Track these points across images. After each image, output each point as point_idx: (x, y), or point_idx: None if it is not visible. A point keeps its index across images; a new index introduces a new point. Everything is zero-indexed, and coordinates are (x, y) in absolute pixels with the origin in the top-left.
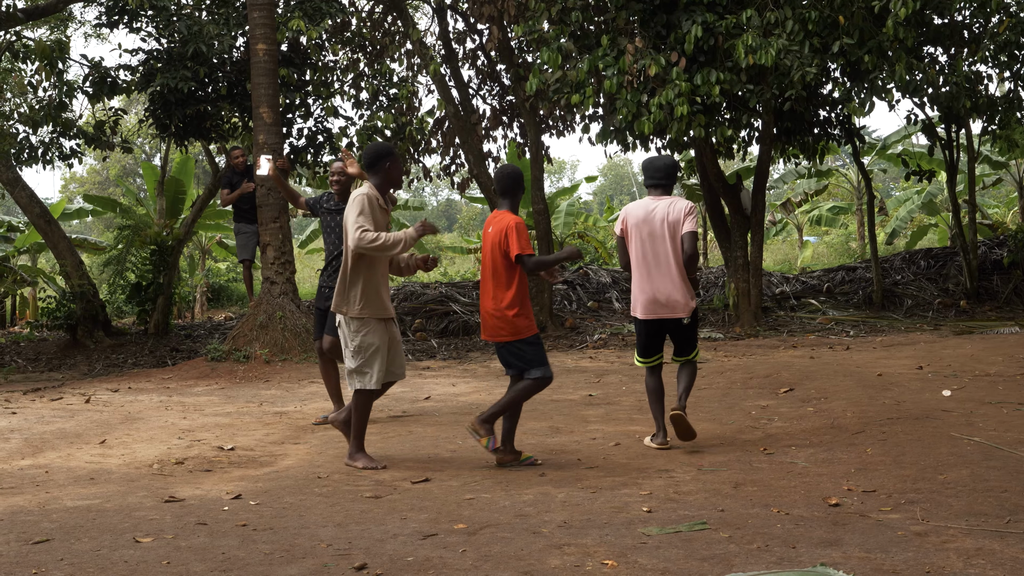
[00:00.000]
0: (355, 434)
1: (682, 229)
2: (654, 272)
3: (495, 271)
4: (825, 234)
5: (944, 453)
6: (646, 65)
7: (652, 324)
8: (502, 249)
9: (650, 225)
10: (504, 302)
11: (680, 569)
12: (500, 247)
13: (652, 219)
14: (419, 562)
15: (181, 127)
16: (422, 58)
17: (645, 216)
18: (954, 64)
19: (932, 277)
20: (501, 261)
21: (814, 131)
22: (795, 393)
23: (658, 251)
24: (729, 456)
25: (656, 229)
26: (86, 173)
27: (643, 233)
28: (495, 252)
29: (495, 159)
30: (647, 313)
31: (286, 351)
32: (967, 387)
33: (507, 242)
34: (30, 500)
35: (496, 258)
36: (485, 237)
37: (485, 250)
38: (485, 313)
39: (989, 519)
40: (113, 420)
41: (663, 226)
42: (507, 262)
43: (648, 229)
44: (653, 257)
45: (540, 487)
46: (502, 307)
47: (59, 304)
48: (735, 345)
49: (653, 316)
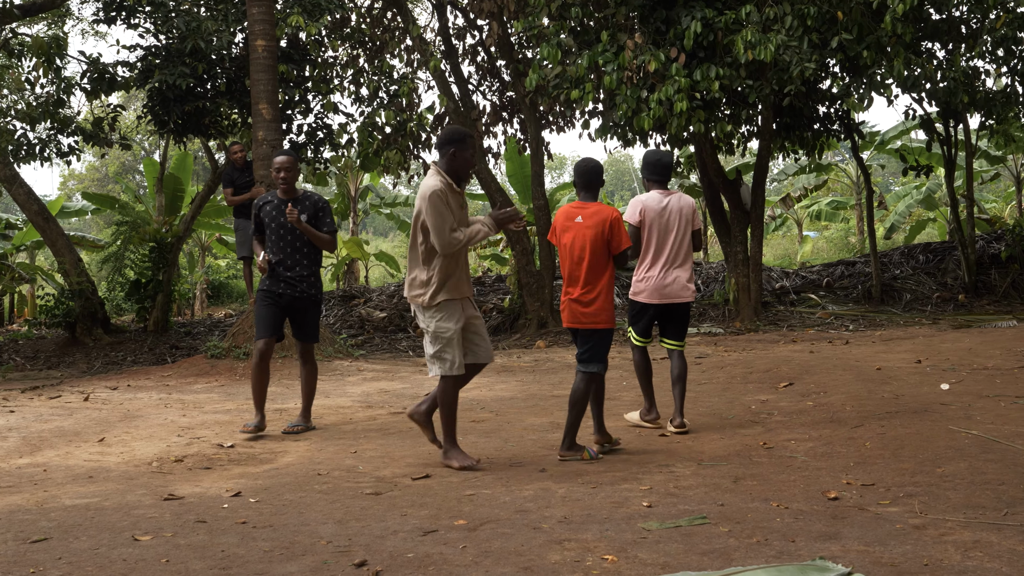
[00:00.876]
0: (446, 429)
1: (693, 225)
2: (668, 261)
3: (593, 260)
4: (824, 229)
5: (942, 446)
6: (645, 61)
7: (660, 308)
8: (604, 239)
9: (665, 217)
10: (596, 291)
11: (680, 563)
12: (603, 237)
13: (667, 212)
14: (419, 558)
15: (180, 123)
16: (422, 54)
17: (659, 209)
18: (952, 59)
19: (930, 271)
20: (602, 250)
21: (813, 126)
22: (795, 387)
23: (673, 242)
24: (729, 451)
25: (671, 222)
26: (85, 170)
27: (659, 224)
28: (596, 242)
29: (495, 155)
30: (659, 298)
31: (286, 348)
32: (965, 380)
33: (613, 233)
34: (28, 499)
35: (597, 248)
36: (571, 227)
37: (574, 240)
38: (571, 301)
39: (987, 511)
40: (112, 418)
41: (678, 219)
42: (606, 252)
43: (663, 221)
44: (668, 247)
45: (540, 483)
46: (593, 296)
47: (58, 302)
48: (735, 340)
49: (662, 300)
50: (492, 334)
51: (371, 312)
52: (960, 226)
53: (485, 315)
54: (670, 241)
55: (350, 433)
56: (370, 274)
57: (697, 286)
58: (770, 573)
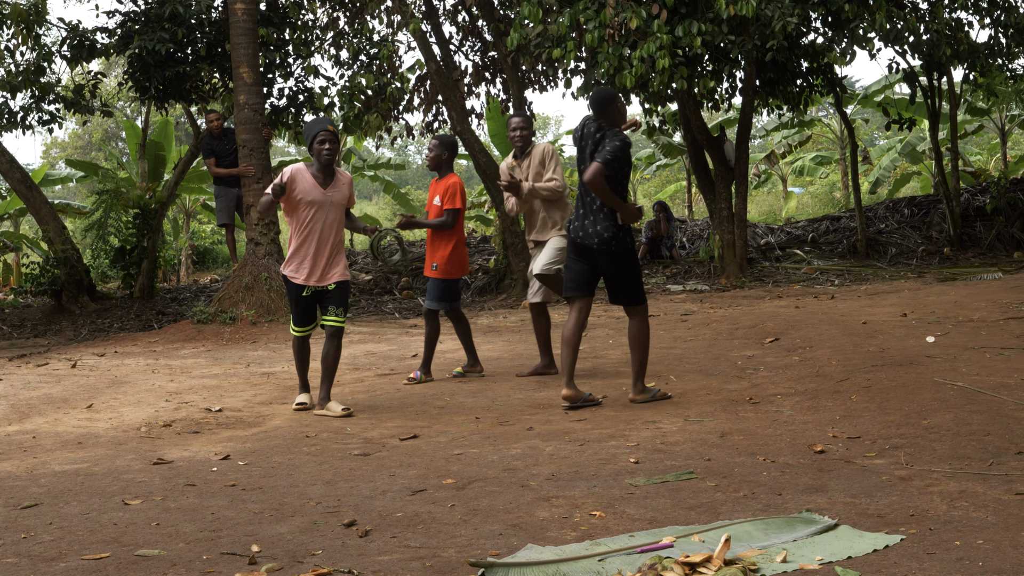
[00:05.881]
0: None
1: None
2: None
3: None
4: (809, 184)
5: (928, 398)
6: (627, 18)
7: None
8: None
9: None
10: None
11: (667, 518)
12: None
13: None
14: (408, 517)
15: (161, 89)
16: (402, 15)
17: None
18: (935, 11)
19: (916, 225)
20: None
21: (796, 81)
22: (780, 343)
23: None
24: (715, 406)
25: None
26: (68, 138)
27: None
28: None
29: (478, 115)
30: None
31: (272, 312)
32: (950, 333)
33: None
34: (18, 465)
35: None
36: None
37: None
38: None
39: (972, 462)
40: (100, 384)
41: None
42: None
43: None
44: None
45: (528, 441)
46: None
47: (43, 270)
48: (720, 296)
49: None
50: (478, 295)
51: (357, 275)
52: (945, 179)
53: (471, 276)
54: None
55: (337, 395)
56: (355, 237)
57: (682, 243)
58: (757, 526)
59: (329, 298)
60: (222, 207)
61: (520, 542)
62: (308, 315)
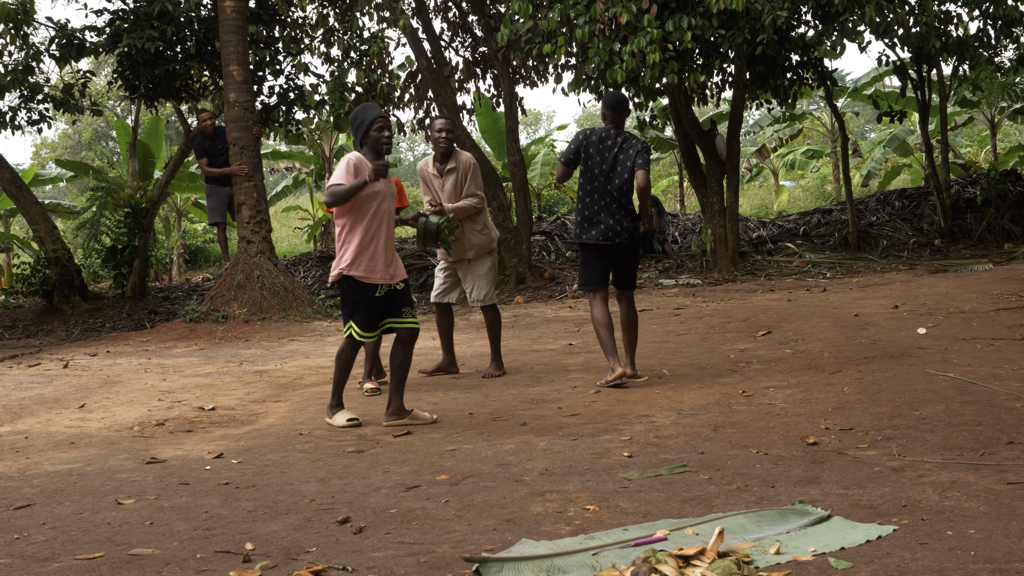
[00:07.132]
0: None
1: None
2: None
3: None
4: (801, 178)
5: (919, 389)
6: (617, 13)
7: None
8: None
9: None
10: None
11: (661, 511)
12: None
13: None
14: (402, 514)
15: (150, 88)
16: (392, 12)
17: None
18: (924, 4)
19: (907, 217)
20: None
21: (787, 75)
22: (773, 336)
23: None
24: (708, 399)
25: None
26: (58, 138)
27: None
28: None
29: (469, 111)
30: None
31: (264, 310)
32: (942, 324)
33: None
34: (10, 466)
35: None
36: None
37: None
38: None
39: (964, 452)
40: (92, 384)
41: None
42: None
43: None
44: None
45: (522, 436)
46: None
47: (34, 270)
48: (713, 290)
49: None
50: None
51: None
52: (935, 171)
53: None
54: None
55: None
56: None
57: (674, 238)
58: (751, 518)
59: (400, 298)
60: (214, 206)
61: (514, 537)
62: (380, 318)
